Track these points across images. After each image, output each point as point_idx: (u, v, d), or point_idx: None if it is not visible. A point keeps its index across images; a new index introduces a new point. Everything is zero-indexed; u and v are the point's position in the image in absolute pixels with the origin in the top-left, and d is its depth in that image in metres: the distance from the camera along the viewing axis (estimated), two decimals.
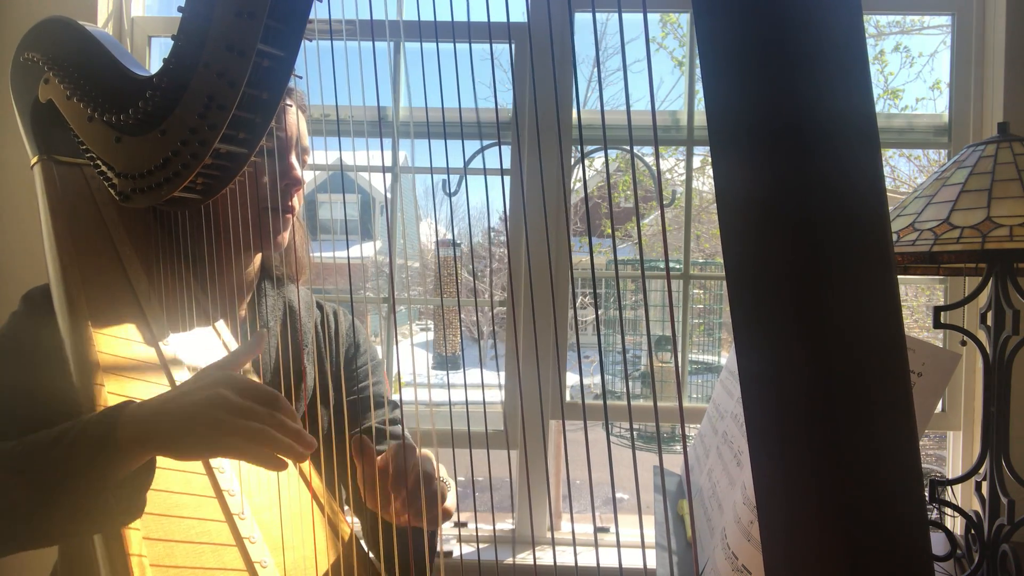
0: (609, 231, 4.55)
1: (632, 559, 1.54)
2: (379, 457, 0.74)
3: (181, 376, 0.78)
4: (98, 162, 0.78)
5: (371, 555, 0.82)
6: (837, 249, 0.30)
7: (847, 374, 0.30)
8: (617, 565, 1.55)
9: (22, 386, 0.76)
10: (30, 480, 0.62)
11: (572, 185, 1.80)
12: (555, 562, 1.58)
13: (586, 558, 1.64)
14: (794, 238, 0.30)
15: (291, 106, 0.90)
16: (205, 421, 0.60)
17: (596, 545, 1.63)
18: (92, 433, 0.62)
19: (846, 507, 0.30)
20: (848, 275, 0.30)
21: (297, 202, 0.92)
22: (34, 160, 0.88)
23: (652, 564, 1.05)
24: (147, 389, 0.74)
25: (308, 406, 0.93)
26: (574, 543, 1.66)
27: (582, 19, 1.69)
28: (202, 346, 0.83)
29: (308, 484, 0.78)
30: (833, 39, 0.30)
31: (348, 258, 0.69)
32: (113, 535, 0.63)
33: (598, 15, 2.05)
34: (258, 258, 0.97)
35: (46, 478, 0.62)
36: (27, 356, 0.78)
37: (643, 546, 0.45)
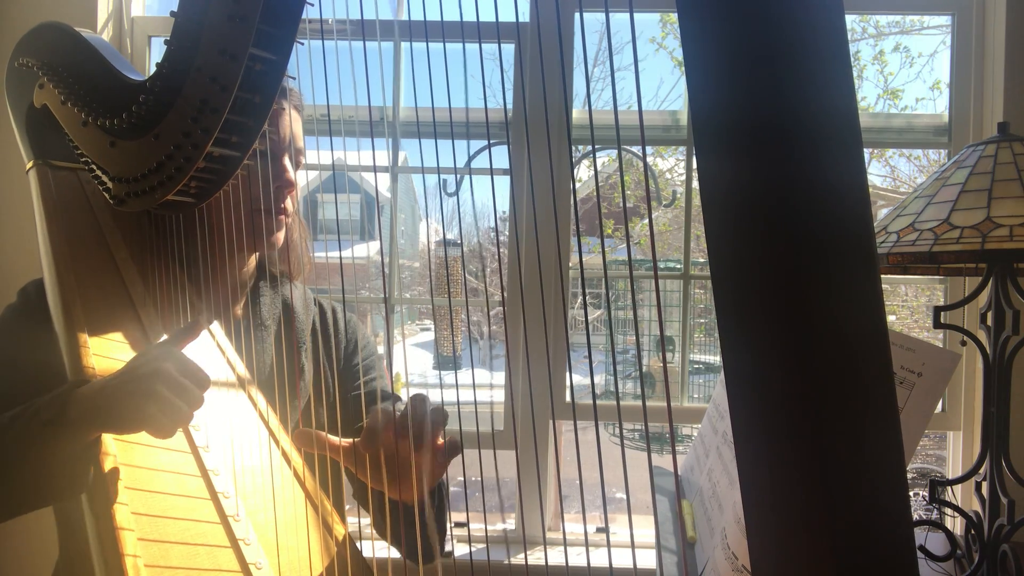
0: (609, 231, 4.55)
1: (630, 559, 1.53)
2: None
3: None
4: (93, 166, 0.78)
5: (379, 552, 0.82)
6: (819, 248, 0.30)
7: (830, 372, 0.30)
8: (624, 565, 1.55)
9: (9, 379, 0.78)
10: None
11: (572, 185, 1.80)
12: (549, 562, 1.58)
13: (584, 559, 1.63)
14: (776, 237, 0.30)
15: (285, 108, 0.90)
16: (147, 395, 0.63)
17: (587, 545, 1.63)
18: (44, 413, 0.66)
19: (829, 502, 0.30)
20: (830, 274, 0.30)
21: (290, 203, 0.92)
22: (29, 165, 0.88)
23: (652, 564, 1.04)
24: None
25: (305, 404, 0.93)
26: (564, 544, 1.66)
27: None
28: (196, 349, 0.83)
29: (303, 486, 0.78)
30: (815, 39, 0.30)
31: (340, 258, 0.69)
32: (108, 537, 0.63)
33: (600, 15, 2.05)
34: (253, 258, 0.98)
35: (2, 456, 0.66)
36: (16, 351, 0.81)
37: (632, 545, 0.45)
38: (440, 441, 0.76)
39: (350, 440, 0.76)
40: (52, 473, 0.65)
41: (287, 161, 0.89)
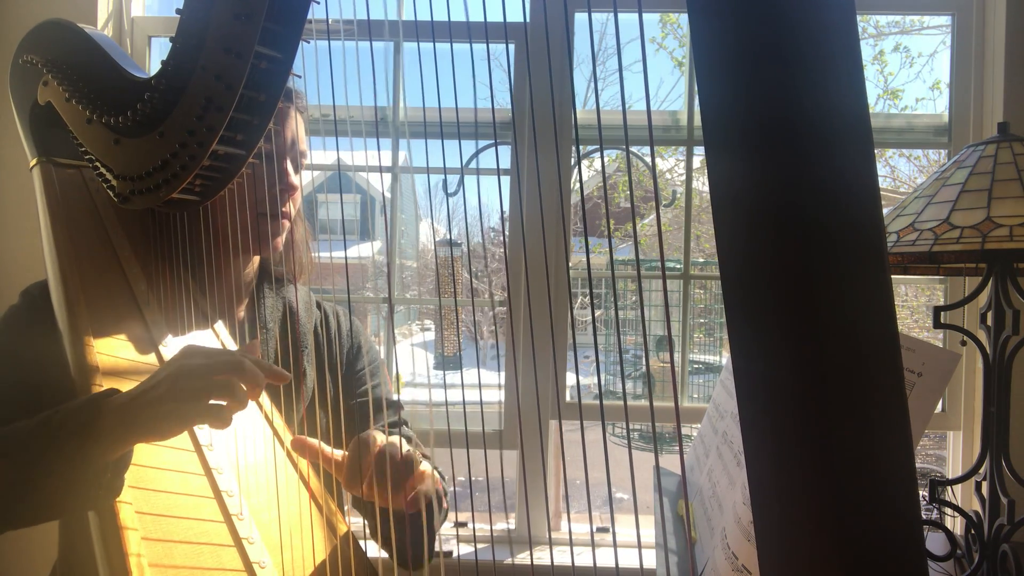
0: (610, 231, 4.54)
1: (631, 559, 1.53)
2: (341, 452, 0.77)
3: None
4: (97, 164, 0.78)
5: (382, 552, 0.82)
6: (830, 248, 0.30)
7: (840, 372, 0.30)
8: (622, 565, 1.55)
9: (14, 380, 0.77)
10: (13, 463, 0.63)
11: (572, 185, 1.80)
12: (553, 561, 1.58)
13: (586, 558, 1.64)
14: (787, 238, 0.30)
15: (291, 107, 0.90)
16: (176, 396, 0.62)
17: (592, 545, 1.63)
18: (75, 421, 0.64)
19: (839, 503, 0.30)
20: (841, 274, 0.30)
21: (292, 207, 0.92)
22: (33, 162, 0.88)
23: (652, 564, 1.05)
24: None
25: (307, 407, 0.93)
26: (571, 544, 1.66)
27: (582, 18, 1.68)
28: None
29: (307, 485, 0.78)
30: (827, 40, 0.30)
31: (346, 258, 0.69)
32: (111, 536, 0.63)
33: (599, 15, 2.05)
34: (256, 260, 0.97)
35: (29, 462, 0.64)
36: (20, 351, 0.80)
37: (639, 545, 0.45)
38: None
39: (342, 454, 0.77)
40: (79, 481, 0.63)
41: (288, 164, 0.89)
